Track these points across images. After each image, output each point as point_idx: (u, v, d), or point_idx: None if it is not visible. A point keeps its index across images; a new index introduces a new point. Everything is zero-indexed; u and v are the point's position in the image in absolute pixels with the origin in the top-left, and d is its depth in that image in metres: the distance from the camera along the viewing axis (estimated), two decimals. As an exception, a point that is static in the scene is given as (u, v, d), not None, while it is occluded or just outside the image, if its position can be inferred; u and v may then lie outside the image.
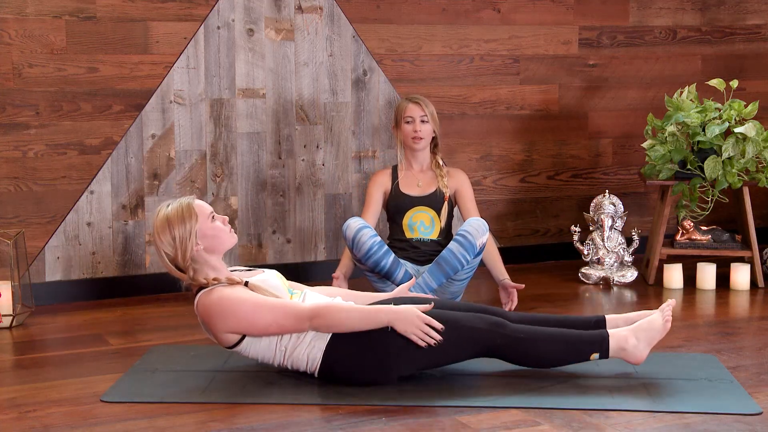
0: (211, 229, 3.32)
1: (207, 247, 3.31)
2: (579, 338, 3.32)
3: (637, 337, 3.32)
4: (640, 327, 3.34)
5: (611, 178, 5.51)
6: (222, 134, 4.73)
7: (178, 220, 3.29)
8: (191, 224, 3.29)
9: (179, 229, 3.28)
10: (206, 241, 3.31)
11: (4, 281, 4.18)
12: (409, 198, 4.40)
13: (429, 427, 2.95)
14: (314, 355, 3.25)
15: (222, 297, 3.23)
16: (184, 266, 3.31)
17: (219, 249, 3.35)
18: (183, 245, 3.28)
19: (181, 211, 3.30)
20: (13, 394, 3.27)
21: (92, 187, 4.54)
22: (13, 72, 4.37)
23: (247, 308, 3.21)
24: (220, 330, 3.24)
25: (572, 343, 3.31)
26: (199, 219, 3.30)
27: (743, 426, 2.94)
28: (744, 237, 4.89)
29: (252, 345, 3.28)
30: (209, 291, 3.27)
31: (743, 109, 4.73)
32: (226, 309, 3.22)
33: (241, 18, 4.70)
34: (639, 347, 3.32)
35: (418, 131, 4.37)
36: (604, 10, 5.39)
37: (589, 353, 3.30)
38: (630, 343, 3.31)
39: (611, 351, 3.31)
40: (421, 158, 4.46)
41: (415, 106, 4.39)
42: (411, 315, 3.21)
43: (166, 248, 3.29)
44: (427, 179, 4.45)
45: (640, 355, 3.33)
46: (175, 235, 3.28)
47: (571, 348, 3.30)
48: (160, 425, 2.97)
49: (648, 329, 3.34)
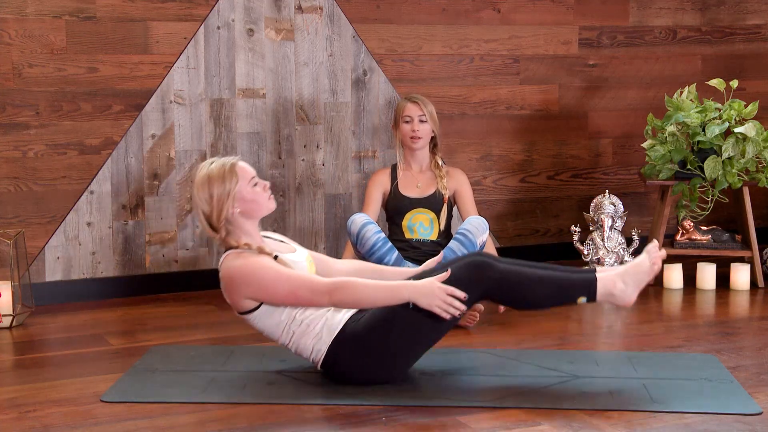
0: (251, 194, 3.30)
1: (243, 211, 3.29)
2: (567, 281, 3.29)
3: (625, 281, 3.30)
4: (627, 271, 3.31)
5: (611, 178, 5.51)
6: (222, 134, 4.73)
7: (219, 179, 3.26)
8: (231, 185, 3.26)
9: (218, 189, 3.25)
10: (244, 204, 3.29)
11: (4, 281, 4.18)
12: (408, 200, 4.40)
13: (429, 427, 2.95)
14: (319, 347, 3.25)
15: (247, 263, 3.22)
16: (217, 226, 3.27)
17: (255, 214, 3.33)
18: (219, 205, 3.25)
19: (222, 171, 3.27)
20: (13, 394, 3.27)
21: (92, 187, 4.55)
22: (13, 72, 4.37)
23: (269, 277, 3.19)
24: (238, 294, 3.23)
25: (560, 285, 3.28)
26: (240, 182, 3.28)
27: (743, 426, 2.94)
28: (744, 237, 4.89)
29: (263, 317, 3.26)
30: (237, 254, 3.26)
31: (743, 109, 4.73)
32: (249, 275, 3.20)
33: (241, 18, 4.70)
34: (627, 291, 3.30)
35: (417, 131, 4.37)
36: (604, 10, 5.39)
37: (576, 296, 3.28)
38: (618, 288, 3.29)
39: (599, 295, 3.28)
40: (420, 158, 4.46)
41: (413, 105, 4.38)
42: (432, 288, 3.18)
43: (203, 205, 3.27)
44: (426, 180, 4.45)
45: (629, 299, 3.31)
46: (213, 193, 3.25)
47: (558, 290, 3.28)
48: (160, 425, 2.97)
49: (636, 272, 3.31)
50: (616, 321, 4.29)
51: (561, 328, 4.09)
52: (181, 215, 4.70)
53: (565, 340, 3.90)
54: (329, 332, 3.24)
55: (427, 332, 3.26)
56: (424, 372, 3.40)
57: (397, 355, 3.24)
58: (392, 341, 3.22)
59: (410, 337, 3.24)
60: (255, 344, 3.82)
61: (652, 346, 3.80)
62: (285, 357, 3.59)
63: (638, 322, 4.22)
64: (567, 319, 4.26)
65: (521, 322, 4.16)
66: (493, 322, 4.13)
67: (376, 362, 3.24)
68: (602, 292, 3.28)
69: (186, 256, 4.73)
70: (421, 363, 3.46)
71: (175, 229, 4.70)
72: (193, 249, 4.74)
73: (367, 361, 3.23)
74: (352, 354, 3.23)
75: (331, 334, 3.24)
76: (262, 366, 3.50)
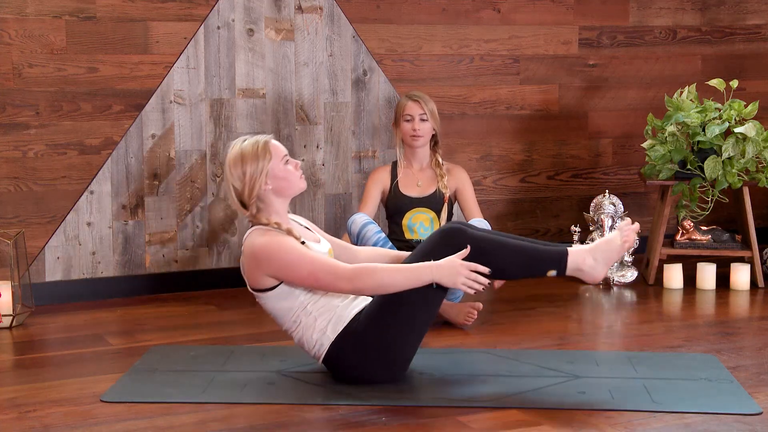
0: (283, 171, 3.31)
1: (275, 189, 3.30)
2: (538, 253, 3.30)
3: (595, 258, 3.31)
4: (598, 247, 3.33)
5: (611, 178, 5.51)
6: (222, 134, 4.73)
7: (252, 156, 3.27)
8: (264, 163, 3.27)
9: (251, 166, 3.26)
10: (276, 182, 3.29)
11: (4, 281, 4.18)
12: (408, 199, 4.40)
13: (429, 427, 2.95)
14: (322, 342, 3.25)
15: (272, 240, 3.22)
16: (248, 203, 3.28)
17: (287, 192, 3.33)
18: (252, 182, 3.26)
19: (256, 148, 3.28)
20: (13, 394, 3.27)
21: (92, 187, 4.55)
22: (13, 72, 4.37)
23: (292, 257, 3.19)
24: (259, 270, 3.22)
25: (531, 256, 3.29)
26: (273, 159, 3.29)
27: (743, 426, 2.94)
28: (744, 237, 4.89)
29: (276, 299, 3.26)
30: (263, 230, 3.26)
31: (743, 109, 4.73)
32: (273, 252, 3.20)
33: (241, 18, 4.70)
34: (596, 268, 3.31)
35: (417, 130, 4.36)
36: (604, 10, 5.39)
37: (546, 269, 3.30)
38: (587, 263, 3.30)
39: (569, 269, 3.30)
40: (421, 156, 4.45)
41: (414, 104, 4.38)
42: (454, 266, 3.19)
43: (235, 182, 3.28)
44: (426, 178, 4.44)
45: (597, 275, 3.32)
46: (245, 170, 3.26)
47: (529, 261, 3.29)
48: (160, 425, 2.97)
49: (606, 250, 3.32)
50: (616, 321, 4.30)
51: (561, 328, 4.09)
52: (181, 215, 4.70)
53: (565, 340, 3.90)
54: (333, 329, 3.25)
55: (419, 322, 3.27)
56: (424, 372, 3.40)
57: (394, 350, 3.25)
58: (388, 335, 3.23)
59: (405, 328, 3.25)
60: (255, 344, 3.82)
61: (652, 346, 3.80)
62: (285, 357, 3.59)
63: (638, 322, 4.22)
64: (567, 319, 4.26)
65: (521, 322, 4.16)
66: (493, 322, 4.13)
67: (375, 359, 3.24)
68: (572, 266, 3.30)
69: (186, 256, 4.73)
70: (421, 363, 3.46)
71: (175, 229, 4.70)
72: (193, 249, 4.74)
73: (367, 358, 3.24)
74: (353, 351, 3.24)
75: (335, 330, 3.24)
76: (262, 366, 3.50)
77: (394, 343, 3.25)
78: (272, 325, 4.11)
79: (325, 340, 3.25)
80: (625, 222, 3.39)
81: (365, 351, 3.23)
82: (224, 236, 4.78)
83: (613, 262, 3.35)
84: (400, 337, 3.25)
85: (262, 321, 4.20)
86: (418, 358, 3.49)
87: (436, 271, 3.19)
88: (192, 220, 4.72)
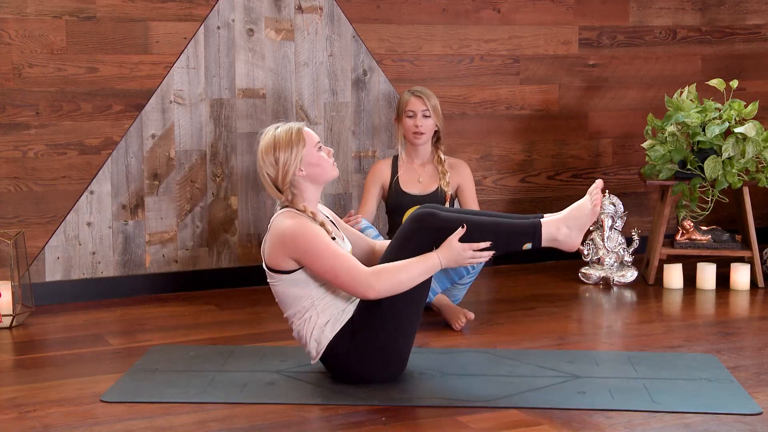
0: (316, 158, 3.32)
1: (309, 175, 3.31)
2: (511, 227, 3.31)
3: (568, 226, 3.32)
4: (569, 215, 3.34)
5: (611, 178, 5.51)
6: (222, 134, 4.73)
7: (286, 143, 3.28)
8: (297, 149, 3.28)
9: (284, 153, 3.28)
10: (309, 168, 3.30)
11: (4, 281, 4.17)
12: (409, 197, 4.38)
13: (429, 427, 2.96)
14: (320, 340, 3.26)
15: (303, 224, 3.22)
16: (283, 188, 3.30)
17: (320, 179, 3.34)
18: (285, 168, 3.27)
19: (289, 135, 3.30)
20: (13, 394, 3.27)
21: (92, 187, 4.54)
22: (13, 72, 4.37)
23: (318, 246, 3.19)
24: (283, 251, 3.22)
25: (504, 232, 3.30)
26: (306, 146, 3.30)
27: (743, 426, 2.94)
28: (744, 237, 4.89)
29: (290, 283, 3.26)
30: (295, 214, 3.27)
31: (743, 109, 4.73)
32: (300, 236, 3.20)
33: (241, 18, 4.70)
34: (571, 236, 3.33)
35: (419, 126, 4.34)
36: (604, 10, 5.39)
37: (521, 243, 3.31)
38: (562, 233, 3.32)
39: (544, 240, 3.31)
40: (422, 152, 4.43)
41: (417, 100, 4.35)
42: (455, 249, 3.24)
43: (268, 168, 3.29)
44: (428, 175, 4.42)
45: (573, 243, 3.34)
46: (279, 157, 3.28)
47: (504, 236, 3.30)
48: (160, 425, 2.97)
49: (578, 216, 3.34)
50: (616, 321, 4.30)
51: (561, 328, 4.09)
52: (181, 215, 4.70)
53: (565, 340, 3.90)
54: (332, 329, 3.25)
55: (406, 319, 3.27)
56: (424, 372, 3.40)
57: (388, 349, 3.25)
58: (382, 334, 3.24)
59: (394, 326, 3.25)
60: (255, 344, 3.82)
61: (652, 346, 3.80)
62: (285, 357, 3.59)
63: (638, 322, 4.22)
64: (567, 319, 4.26)
65: (521, 322, 4.16)
66: (493, 322, 4.13)
67: (372, 359, 3.25)
68: (547, 237, 3.31)
69: (186, 256, 4.73)
70: (421, 363, 3.47)
71: (175, 229, 4.70)
72: (193, 249, 4.74)
73: (365, 358, 3.24)
74: (349, 352, 3.24)
75: (333, 330, 3.25)
76: (262, 366, 3.50)
77: (387, 342, 3.25)
78: (272, 325, 4.12)
79: (323, 339, 3.25)
80: (594, 185, 3.39)
81: (362, 351, 3.24)
82: (224, 236, 4.78)
83: (586, 228, 3.35)
84: (392, 336, 3.26)
85: (262, 321, 4.20)
86: (419, 358, 3.50)
87: (443, 257, 3.24)
88: (192, 220, 4.72)
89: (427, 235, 3.27)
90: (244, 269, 4.81)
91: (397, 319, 3.25)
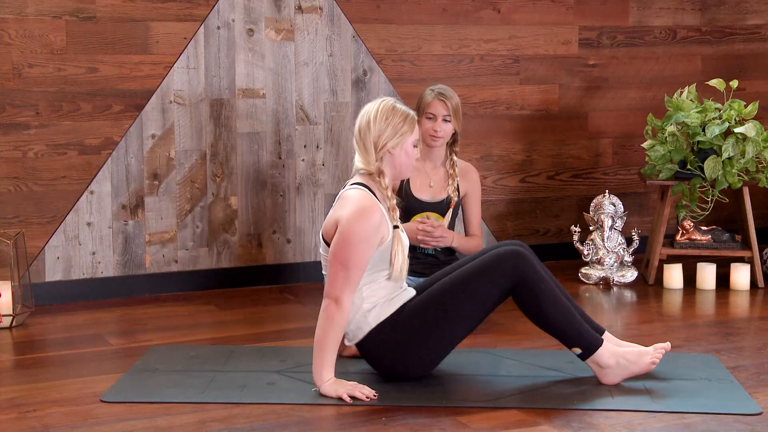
0: (410, 151, 3.31)
1: (395, 161, 3.30)
2: (578, 326, 3.28)
3: (619, 363, 3.30)
4: (626, 355, 3.32)
5: (611, 178, 5.51)
6: (222, 134, 4.73)
7: (402, 118, 3.28)
8: (406, 128, 3.27)
9: (396, 124, 3.26)
10: (399, 155, 3.30)
11: (4, 281, 4.17)
12: (419, 202, 4.23)
13: (429, 427, 2.96)
14: (361, 326, 3.26)
15: (374, 210, 3.19)
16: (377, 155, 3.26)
17: (399, 170, 3.33)
18: (388, 136, 3.25)
19: (407, 115, 3.30)
20: (13, 394, 3.27)
21: (92, 187, 4.55)
22: (13, 72, 4.37)
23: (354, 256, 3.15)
24: (349, 220, 3.18)
25: (572, 325, 3.27)
26: (412, 135, 3.29)
27: (743, 426, 2.94)
28: (744, 237, 4.89)
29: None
30: (374, 202, 3.22)
31: (743, 109, 4.73)
32: (350, 243, 3.16)
33: (241, 18, 4.70)
34: (615, 372, 3.30)
35: (438, 131, 4.18)
36: (604, 10, 5.39)
37: (573, 345, 3.28)
38: (609, 365, 3.29)
39: (590, 360, 3.29)
40: (436, 155, 4.27)
41: (439, 103, 4.17)
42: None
43: (375, 128, 3.26)
44: (439, 180, 4.26)
45: (611, 380, 3.31)
46: (391, 122, 3.25)
47: (567, 327, 3.26)
48: (160, 425, 2.97)
49: (633, 362, 3.32)
50: (616, 321, 4.29)
51: (561, 328, 4.08)
52: (181, 215, 4.70)
53: (565, 340, 3.90)
54: (376, 317, 3.26)
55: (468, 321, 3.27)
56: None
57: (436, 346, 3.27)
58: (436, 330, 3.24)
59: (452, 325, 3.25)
60: (255, 344, 3.82)
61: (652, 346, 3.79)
62: (285, 357, 3.59)
63: (638, 322, 4.22)
64: (567, 319, 4.25)
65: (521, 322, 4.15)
66: (493, 322, 4.13)
67: (414, 353, 3.26)
68: (596, 359, 3.28)
69: (186, 256, 4.73)
70: (421, 363, 3.47)
71: (175, 229, 4.70)
72: (193, 249, 4.73)
73: (405, 351, 3.25)
74: (391, 342, 3.25)
75: (377, 319, 3.26)
76: (262, 366, 3.50)
77: (439, 338, 3.26)
78: (272, 325, 4.12)
79: (365, 326, 3.26)
80: (662, 345, 3.38)
81: (405, 343, 3.25)
82: (224, 236, 4.78)
83: (632, 376, 3.32)
84: (447, 333, 3.26)
85: (262, 321, 4.21)
86: (418, 358, 3.49)
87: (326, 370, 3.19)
88: (192, 220, 4.72)
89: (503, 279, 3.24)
90: (244, 269, 4.81)
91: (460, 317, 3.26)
